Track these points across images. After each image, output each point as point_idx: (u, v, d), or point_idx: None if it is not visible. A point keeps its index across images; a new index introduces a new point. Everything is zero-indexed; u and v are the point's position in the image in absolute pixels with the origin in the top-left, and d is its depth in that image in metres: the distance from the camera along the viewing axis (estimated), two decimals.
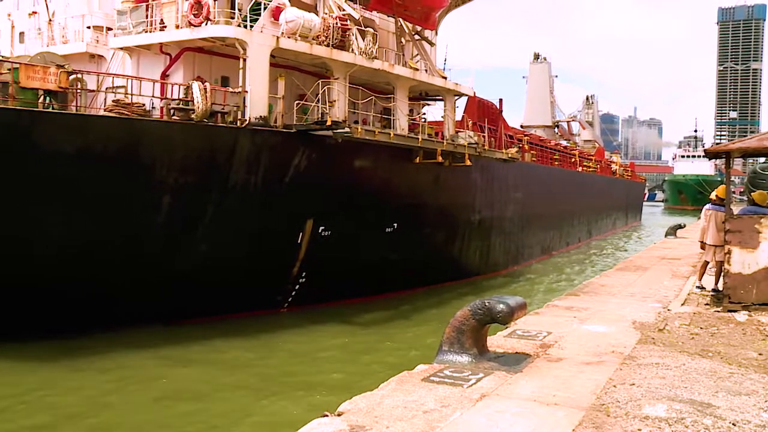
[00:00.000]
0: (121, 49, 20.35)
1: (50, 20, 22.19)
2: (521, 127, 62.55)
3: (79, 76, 15.69)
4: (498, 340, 8.23)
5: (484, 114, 31.50)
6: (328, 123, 18.61)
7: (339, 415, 5.41)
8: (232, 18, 18.65)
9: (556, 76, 79.15)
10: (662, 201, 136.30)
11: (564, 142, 64.71)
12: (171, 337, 16.36)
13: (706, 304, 11.47)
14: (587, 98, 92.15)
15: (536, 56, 78.18)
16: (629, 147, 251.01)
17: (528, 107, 74.73)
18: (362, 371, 14.85)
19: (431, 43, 28.26)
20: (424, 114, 30.83)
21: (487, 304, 7.02)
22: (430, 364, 6.99)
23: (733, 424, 5.38)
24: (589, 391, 6.26)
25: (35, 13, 25.67)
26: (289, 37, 19.41)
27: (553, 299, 12.58)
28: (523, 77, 78.06)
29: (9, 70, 14.77)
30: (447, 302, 22.81)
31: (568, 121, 79.37)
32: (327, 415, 5.37)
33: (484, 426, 5.24)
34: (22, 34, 25.82)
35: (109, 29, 21.99)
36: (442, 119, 27.81)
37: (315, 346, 16.93)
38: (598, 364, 7.35)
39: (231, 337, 16.94)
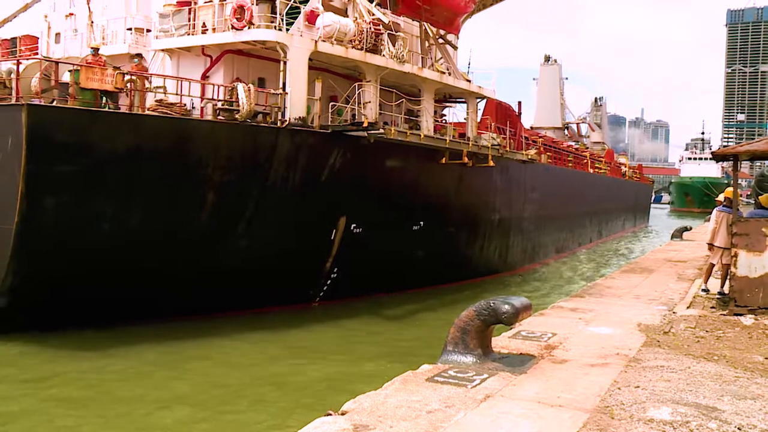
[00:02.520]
0: (163, 50, 21.12)
1: (92, 22, 22.94)
2: (531, 128, 63.22)
3: (134, 77, 16.42)
4: (503, 341, 8.25)
5: (503, 116, 32.23)
6: (365, 124, 19.35)
7: (343, 414, 5.41)
8: (272, 22, 19.38)
9: (567, 78, 79.84)
10: (668, 203, 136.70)
11: (573, 144, 65.37)
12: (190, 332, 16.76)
13: (712, 308, 11.43)
14: (595, 100, 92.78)
15: (547, 58, 78.91)
16: (636, 148, 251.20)
17: (538, 109, 75.42)
18: (367, 370, 14.74)
19: (454, 47, 29.00)
20: (444, 115, 31.57)
21: (492, 304, 7.01)
22: (434, 364, 7.00)
23: (739, 429, 5.37)
24: (593, 393, 6.26)
25: (72, 14, 26.51)
26: (324, 41, 20.18)
27: (559, 300, 12.71)
28: (534, 79, 78.85)
29: (70, 71, 15.52)
30: (468, 300, 23.48)
31: (577, 123, 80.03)
32: (331, 414, 5.37)
33: (488, 427, 5.24)
34: (58, 35, 26.63)
35: (148, 31, 22.79)
36: (464, 120, 28.55)
37: (324, 341, 17.14)
38: (602, 366, 7.36)
39: (239, 332, 17.08)
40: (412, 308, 21.30)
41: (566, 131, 75.24)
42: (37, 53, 25.08)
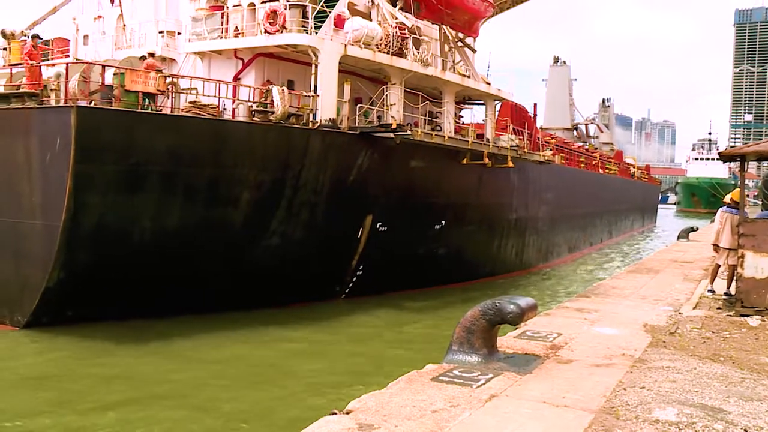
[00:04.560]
0: (195, 53, 21.77)
1: (124, 25, 23.60)
2: (540, 129, 63.72)
3: (175, 80, 17.06)
4: (508, 341, 8.22)
5: (518, 117, 32.83)
6: (394, 126, 19.98)
7: (347, 413, 5.39)
8: (303, 26, 20.00)
9: (575, 80, 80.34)
10: (675, 203, 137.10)
11: (582, 145, 65.88)
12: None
13: (718, 308, 11.33)
14: (603, 101, 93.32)
15: (556, 59, 79.49)
16: (642, 149, 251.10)
17: (548, 110, 75.93)
18: (376, 369, 14.81)
19: (473, 50, 29.60)
20: (462, 117, 32.19)
21: (497, 304, 6.98)
22: (439, 363, 6.97)
23: (745, 430, 5.34)
24: (598, 393, 6.24)
25: (100, 17, 27.18)
26: (353, 45, 20.81)
27: (564, 300, 12.77)
28: (543, 80, 79.32)
29: (115, 74, 16.16)
30: (485, 298, 24.00)
31: (586, 124, 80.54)
32: (336, 413, 5.37)
33: (493, 427, 5.23)
34: (86, 37, 27.29)
35: (179, 33, 23.44)
36: (482, 122, 29.18)
37: (336, 339, 17.35)
38: (608, 366, 7.33)
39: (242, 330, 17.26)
40: (428, 305, 21.70)
41: (575, 132, 75.78)
42: (68, 55, 25.78)
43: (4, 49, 27.18)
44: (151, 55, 17.90)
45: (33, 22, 29.35)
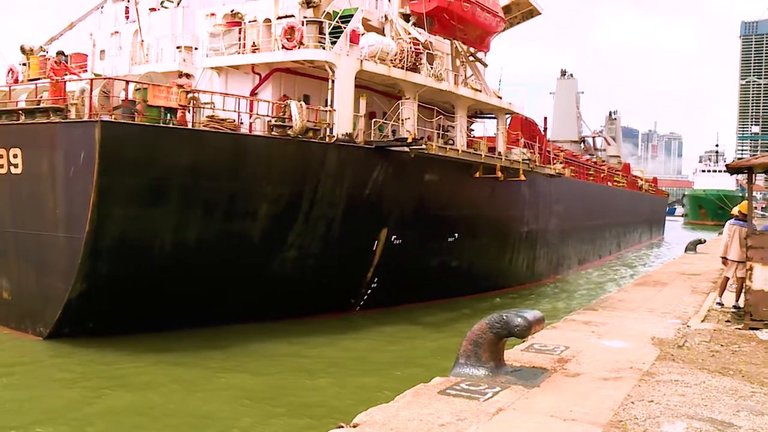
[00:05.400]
0: (212, 68, 22.11)
1: (142, 41, 23.99)
2: (548, 142, 63.91)
3: (196, 95, 17.36)
4: (515, 354, 8.19)
5: (528, 131, 33.07)
6: (409, 140, 20.25)
7: (354, 426, 5.39)
8: (320, 42, 20.32)
9: (582, 92, 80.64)
10: (682, 215, 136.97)
11: (590, 157, 66.05)
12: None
13: (727, 321, 11.27)
14: (610, 114, 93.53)
15: (563, 73, 79.86)
16: (648, 162, 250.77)
17: (555, 122, 76.04)
18: (384, 382, 14.64)
19: (484, 64, 29.92)
20: (472, 130, 32.44)
21: (504, 317, 6.98)
22: (446, 376, 6.95)
23: None
24: (606, 407, 6.19)
25: (117, 32, 27.64)
26: (368, 60, 21.12)
27: (571, 313, 12.74)
28: (550, 93, 79.65)
29: (138, 89, 16.48)
30: (496, 310, 24.08)
31: (593, 137, 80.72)
32: (342, 427, 5.38)
33: None
34: (102, 52, 27.73)
35: (195, 48, 23.81)
36: (494, 135, 29.44)
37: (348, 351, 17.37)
38: (616, 379, 7.27)
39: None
40: (439, 317, 21.77)
41: (582, 145, 75.95)
42: (86, 70, 26.19)
43: (24, 64, 27.69)
44: (186, 75, 18.28)
45: (50, 38, 29.84)
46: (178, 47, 23.57)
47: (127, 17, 28.56)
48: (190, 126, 17.43)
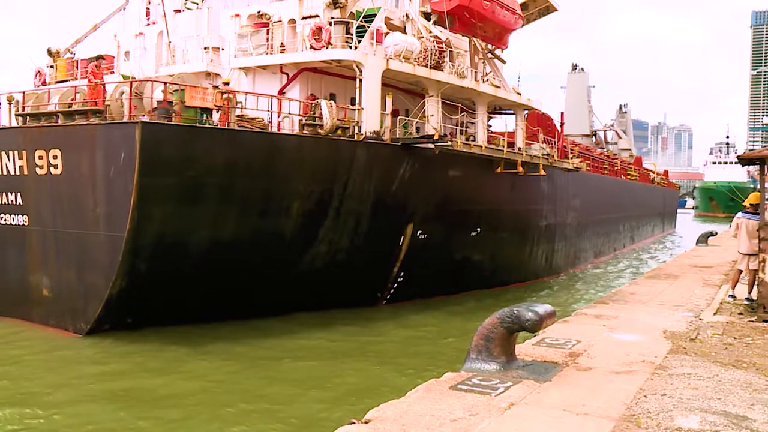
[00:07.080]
0: (240, 68, 22.57)
1: (169, 42, 24.44)
2: None
3: (230, 95, 17.81)
4: (526, 348, 8.15)
5: (544, 126, 33.45)
6: (436, 137, 20.66)
7: (366, 422, 5.36)
8: (347, 42, 20.74)
9: (593, 86, 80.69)
10: (693, 208, 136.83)
11: (602, 151, 66.22)
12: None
13: (740, 314, 11.16)
14: (620, 107, 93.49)
15: (574, 67, 79.87)
16: (659, 154, 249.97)
17: (567, 117, 76.15)
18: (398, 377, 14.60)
19: (503, 61, 30.22)
20: (490, 126, 32.81)
21: (515, 312, 6.95)
22: (457, 372, 6.91)
23: None
24: (619, 401, 6.16)
25: (141, 34, 28.10)
26: (393, 59, 21.53)
27: (582, 307, 12.77)
28: (562, 87, 79.75)
29: (175, 90, 16.94)
30: (514, 302, 24.25)
31: (604, 130, 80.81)
32: (354, 422, 5.36)
33: None
34: (127, 53, 28.19)
35: (222, 49, 24.24)
36: (512, 131, 29.81)
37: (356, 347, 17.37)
38: (628, 373, 7.22)
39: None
40: (460, 309, 22.04)
41: (594, 138, 76.07)
42: (113, 72, 26.68)
43: (51, 66, 28.22)
44: (225, 83, 18.77)
45: (75, 40, 30.38)
46: (205, 48, 23.99)
47: (148, 18, 29.00)
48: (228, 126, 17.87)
